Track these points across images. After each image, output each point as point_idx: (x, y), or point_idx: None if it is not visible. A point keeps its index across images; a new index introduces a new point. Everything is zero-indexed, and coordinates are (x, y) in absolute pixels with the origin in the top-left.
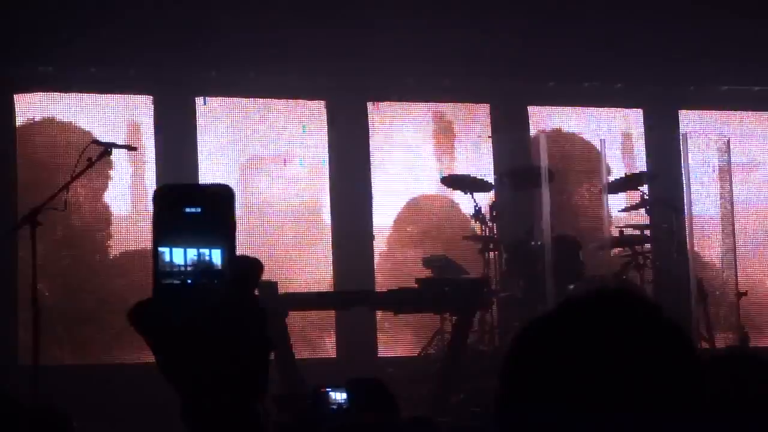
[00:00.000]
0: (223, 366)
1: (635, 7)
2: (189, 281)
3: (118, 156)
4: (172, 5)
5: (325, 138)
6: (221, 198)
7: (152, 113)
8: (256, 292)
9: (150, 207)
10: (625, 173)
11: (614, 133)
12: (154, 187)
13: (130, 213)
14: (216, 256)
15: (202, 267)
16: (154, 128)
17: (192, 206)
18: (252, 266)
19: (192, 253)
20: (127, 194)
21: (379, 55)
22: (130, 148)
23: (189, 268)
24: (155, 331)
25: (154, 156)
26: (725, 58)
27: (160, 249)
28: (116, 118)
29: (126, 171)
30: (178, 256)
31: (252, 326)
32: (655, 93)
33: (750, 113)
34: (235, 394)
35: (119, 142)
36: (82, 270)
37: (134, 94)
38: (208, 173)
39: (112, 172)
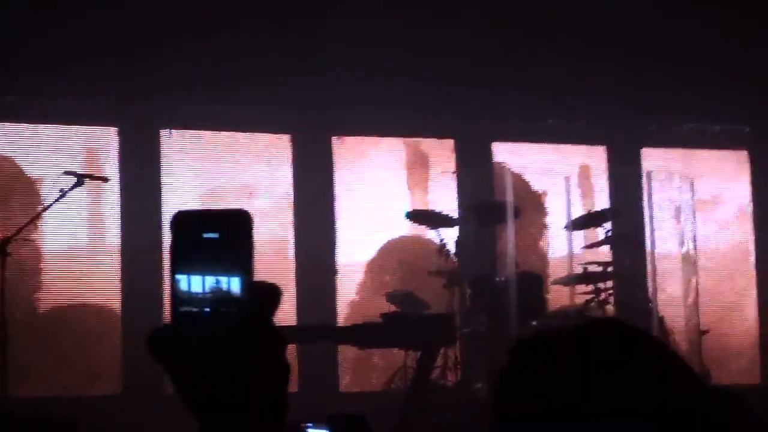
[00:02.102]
0: (242, 394)
1: (599, 44)
2: (207, 309)
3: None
4: (141, 37)
5: (290, 172)
6: (239, 223)
7: (117, 144)
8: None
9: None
10: (589, 210)
11: (578, 170)
12: (116, 219)
13: (86, 246)
14: (234, 283)
15: (221, 294)
16: (119, 160)
17: (210, 232)
18: (271, 293)
19: (210, 281)
20: (84, 228)
21: (343, 90)
22: (103, 179)
23: (207, 296)
24: (174, 360)
25: (117, 188)
26: (688, 96)
27: (177, 276)
28: (73, 149)
29: (80, 204)
30: (196, 283)
31: (271, 353)
32: (619, 131)
33: (712, 152)
34: (254, 422)
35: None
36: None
37: (98, 126)
38: (173, 206)
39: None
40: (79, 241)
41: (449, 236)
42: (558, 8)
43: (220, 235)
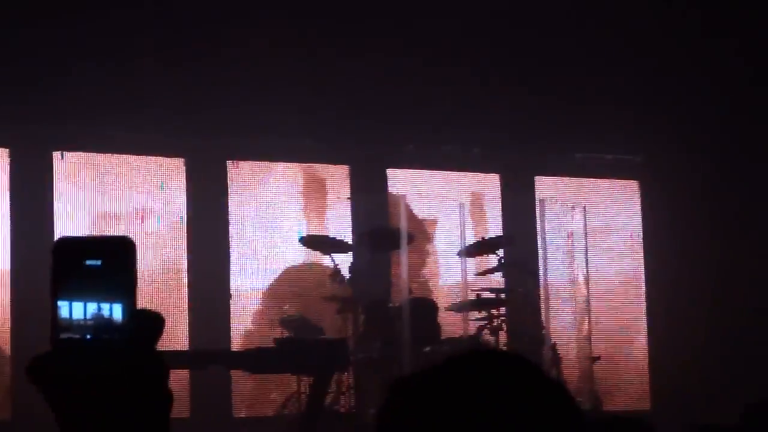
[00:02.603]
0: (124, 423)
1: (493, 72)
2: (88, 336)
3: None
4: (32, 56)
5: (184, 196)
6: (122, 250)
7: (7, 167)
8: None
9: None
10: (482, 237)
11: (471, 197)
12: (6, 244)
13: None
14: (116, 311)
15: (102, 322)
16: (9, 182)
17: (92, 259)
18: (153, 321)
19: (92, 307)
20: None
21: (239, 114)
22: None
23: (89, 323)
24: (53, 387)
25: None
26: (580, 126)
27: (58, 303)
28: None
29: None
30: (78, 310)
31: (153, 382)
32: (512, 159)
33: (604, 180)
34: None
35: None
36: None
37: None
38: (64, 230)
39: None
40: None
41: (343, 262)
42: (452, 37)
43: (103, 263)
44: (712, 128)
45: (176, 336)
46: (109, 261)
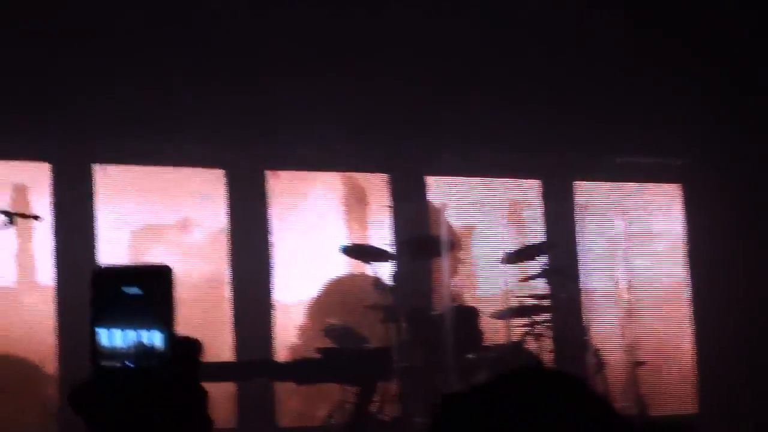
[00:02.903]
0: None
1: (531, 77)
2: (129, 363)
3: None
4: (72, 71)
5: (225, 207)
6: (160, 278)
7: (49, 181)
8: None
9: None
10: (524, 244)
11: (511, 204)
12: (49, 258)
13: (16, 287)
14: (156, 338)
15: (143, 349)
16: (52, 196)
17: (131, 287)
18: (193, 347)
19: (131, 335)
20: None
21: (277, 124)
22: (35, 217)
23: (129, 350)
24: (95, 415)
25: (50, 225)
26: (620, 130)
27: (98, 330)
28: (1, 185)
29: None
30: (117, 337)
31: (194, 408)
32: (552, 164)
33: (645, 185)
34: None
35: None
36: None
37: (30, 161)
38: (106, 242)
39: None
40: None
41: (386, 270)
42: (489, 42)
43: (142, 290)
44: (755, 130)
45: (221, 348)
46: (148, 289)
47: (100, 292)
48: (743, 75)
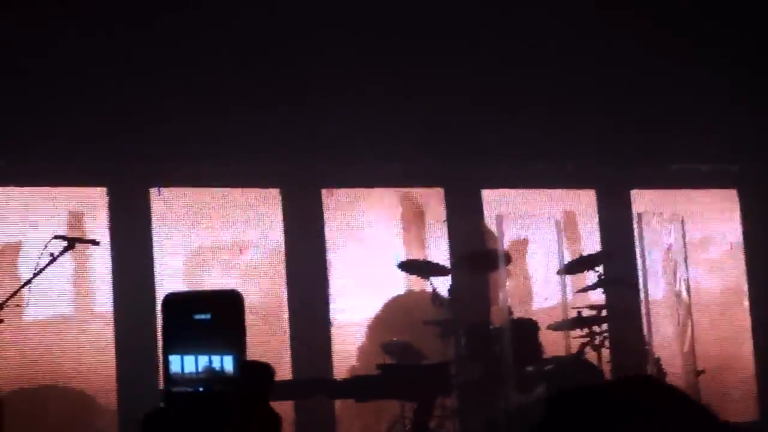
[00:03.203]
0: None
1: (582, 86)
2: (201, 389)
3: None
4: (125, 96)
5: (281, 226)
6: (229, 304)
7: (106, 204)
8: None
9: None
10: (581, 254)
11: (566, 214)
12: (107, 281)
13: (74, 314)
14: (227, 363)
15: (214, 374)
16: (109, 220)
17: (201, 313)
18: (263, 372)
19: (203, 360)
20: (71, 291)
21: (331, 141)
22: (93, 242)
23: (200, 375)
24: None
25: (108, 249)
26: (675, 136)
27: (170, 357)
28: (57, 212)
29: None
30: (189, 363)
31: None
32: (607, 173)
33: (701, 191)
34: None
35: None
36: None
37: (86, 186)
38: (165, 266)
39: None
40: (68, 308)
41: (443, 285)
42: (542, 52)
43: (212, 316)
44: None
45: (280, 366)
46: (217, 314)
47: (170, 318)
48: None
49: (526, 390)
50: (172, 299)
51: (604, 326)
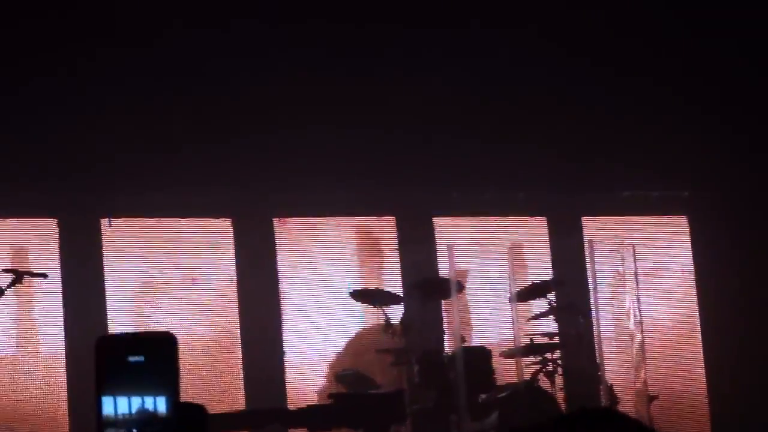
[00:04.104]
0: None
1: (531, 115)
2: (134, 430)
3: None
4: (75, 124)
5: (233, 256)
6: (164, 346)
7: (56, 237)
8: None
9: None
10: (532, 282)
11: (519, 242)
12: (57, 317)
13: (15, 355)
14: (161, 404)
15: (147, 416)
16: (59, 251)
17: (135, 355)
18: (196, 413)
19: (136, 402)
20: (12, 331)
21: (282, 171)
22: (42, 275)
23: (133, 417)
24: None
25: (58, 284)
26: (624, 164)
27: (103, 398)
28: (3, 244)
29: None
30: (122, 405)
31: None
32: (558, 201)
33: (652, 218)
34: None
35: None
36: None
37: (35, 218)
38: (115, 298)
39: None
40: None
41: (395, 314)
42: (491, 79)
43: (146, 358)
44: (758, 158)
45: (233, 397)
46: (152, 356)
47: (104, 360)
48: (743, 101)
49: (479, 417)
50: (106, 341)
51: (557, 353)
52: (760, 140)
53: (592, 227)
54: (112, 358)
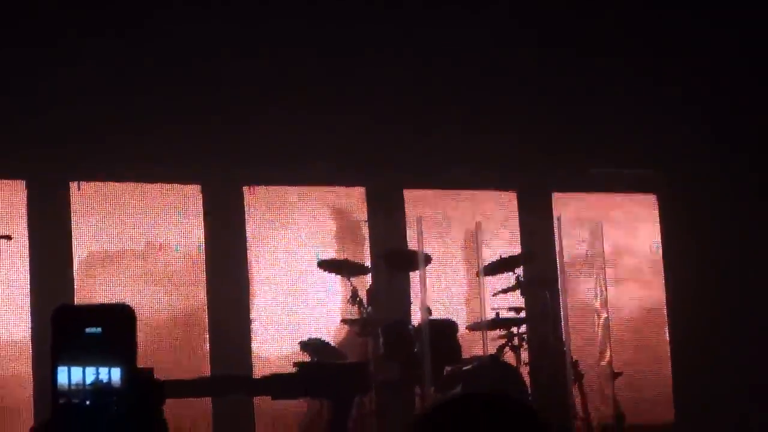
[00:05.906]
0: None
1: (505, 89)
2: (87, 401)
3: None
4: (48, 89)
5: (201, 223)
6: (121, 318)
7: (24, 199)
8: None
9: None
10: (501, 256)
11: (488, 216)
12: (28, 278)
13: None
14: (116, 375)
15: (101, 387)
16: (27, 214)
17: (92, 326)
18: (151, 383)
19: (91, 373)
20: None
21: (253, 139)
22: (7, 237)
23: (88, 388)
24: None
25: (25, 246)
26: (596, 141)
27: (58, 369)
28: None
29: None
30: (77, 375)
31: None
32: (528, 176)
33: (621, 195)
34: None
35: None
36: None
37: (2, 179)
38: (84, 261)
39: None
40: None
41: (362, 284)
42: (466, 53)
43: (102, 330)
44: (729, 138)
45: (198, 364)
46: (109, 328)
47: (60, 330)
48: (716, 81)
49: (444, 390)
50: (62, 312)
51: (523, 327)
52: (728, 120)
53: (562, 203)
54: (68, 329)
